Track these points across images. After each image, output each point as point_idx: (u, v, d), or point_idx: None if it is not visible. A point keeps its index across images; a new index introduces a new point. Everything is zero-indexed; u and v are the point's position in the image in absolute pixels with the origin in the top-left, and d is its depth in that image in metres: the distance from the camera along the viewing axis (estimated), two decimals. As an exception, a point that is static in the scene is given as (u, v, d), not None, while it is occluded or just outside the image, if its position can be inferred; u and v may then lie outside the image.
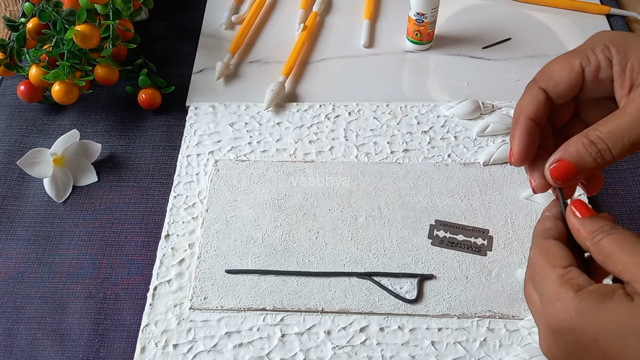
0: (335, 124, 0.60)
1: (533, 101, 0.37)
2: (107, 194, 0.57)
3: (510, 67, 0.65)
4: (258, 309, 0.48)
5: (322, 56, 0.68)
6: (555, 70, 0.37)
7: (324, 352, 0.46)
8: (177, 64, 0.67)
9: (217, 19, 0.71)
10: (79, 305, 0.50)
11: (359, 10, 0.72)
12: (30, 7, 0.60)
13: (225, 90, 0.64)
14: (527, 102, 0.38)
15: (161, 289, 0.50)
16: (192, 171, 0.57)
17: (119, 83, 0.63)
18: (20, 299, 0.50)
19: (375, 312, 0.48)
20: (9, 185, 0.58)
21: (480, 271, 0.50)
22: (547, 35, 0.68)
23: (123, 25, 0.62)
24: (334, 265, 0.50)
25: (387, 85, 0.64)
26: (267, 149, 0.58)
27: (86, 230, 0.54)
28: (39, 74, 0.59)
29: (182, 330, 0.47)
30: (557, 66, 0.37)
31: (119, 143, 0.61)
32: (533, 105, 0.37)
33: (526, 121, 0.37)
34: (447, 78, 0.65)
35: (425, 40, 0.66)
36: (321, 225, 0.53)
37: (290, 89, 0.64)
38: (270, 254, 0.51)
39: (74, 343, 0.48)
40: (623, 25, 0.68)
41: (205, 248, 0.52)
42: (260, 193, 0.55)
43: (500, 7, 0.72)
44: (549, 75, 0.37)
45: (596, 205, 0.53)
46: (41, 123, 0.62)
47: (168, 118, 0.62)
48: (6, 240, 0.54)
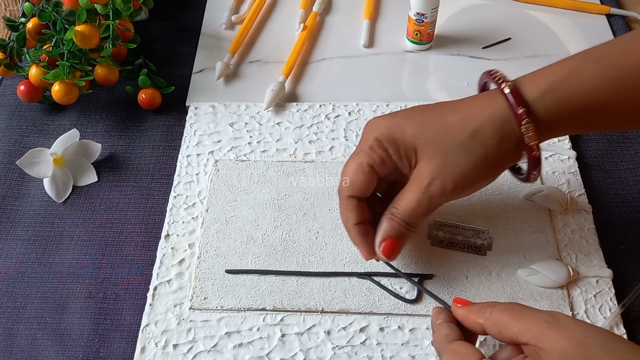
0: (335, 124, 0.60)
1: (349, 210, 0.45)
2: (107, 194, 0.57)
3: (510, 67, 0.65)
4: (258, 309, 0.48)
5: (322, 56, 0.68)
6: (353, 178, 0.44)
7: (324, 352, 0.46)
8: (177, 64, 0.67)
9: (217, 19, 0.71)
10: (79, 305, 0.50)
11: (359, 10, 0.72)
12: (30, 7, 0.60)
13: (225, 90, 0.64)
14: (346, 213, 0.45)
15: (161, 289, 0.50)
16: (192, 171, 0.57)
17: (119, 83, 0.63)
18: (20, 299, 0.50)
19: (375, 312, 0.48)
20: (9, 185, 0.58)
21: (480, 271, 0.50)
22: (547, 35, 0.68)
23: (123, 25, 0.62)
24: (334, 265, 0.50)
25: (387, 85, 0.64)
26: (267, 149, 0.58)
27: (86, 230, 0.54)
28: (39, 74, 0.59)
29: (182, 330, 0.47)
30: (352, 174, 0.44)
31: (119, 143, 0.61)
32: (351, 213, 0.45)
33: (354, 229, 0.45)
34: (447, 78, 0.65)
35: (425, 40, 0.66)
36: (321, 225, 0.53)
37: (290, 89, 0.64)
38: (270, 254, 0.51)
39: (74, 343, 0.48)
40: (623, 25, 0.68)
41: (205, 248, 0.52)
42: (260, 193, 0.55)
43: (500, 7, 0.72)
44: (351, 184, 0.44)
45: (597, 205, 0.53)
46: (41, 123, 0.62)
47: (168, 118, 0.62)
48: (6, 240, 0.54)
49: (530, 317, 0.37)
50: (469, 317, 0.40)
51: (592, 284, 0.49)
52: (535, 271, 0.49)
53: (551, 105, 0.41)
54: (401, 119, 0.44)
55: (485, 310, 0.39)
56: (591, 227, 0.52)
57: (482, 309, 0.39)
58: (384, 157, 0.44)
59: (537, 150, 0.42)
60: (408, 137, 0.43)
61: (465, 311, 0.41)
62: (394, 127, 0.43)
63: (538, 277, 0.48)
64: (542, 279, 0.48)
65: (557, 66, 0.43)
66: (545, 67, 0.44)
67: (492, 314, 0.39)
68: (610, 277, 0.49)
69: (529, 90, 0.42)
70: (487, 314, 0.39)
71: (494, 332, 0.38)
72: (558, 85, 0.42)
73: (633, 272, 0.50)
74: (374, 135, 0.44)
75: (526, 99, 0.41)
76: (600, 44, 0.44)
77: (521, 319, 0.37)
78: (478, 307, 0.40)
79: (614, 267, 0.50)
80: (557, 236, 0.51)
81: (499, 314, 0.38)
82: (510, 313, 0.38)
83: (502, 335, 0.38)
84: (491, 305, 0.39)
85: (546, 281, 0.48)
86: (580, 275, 0.49)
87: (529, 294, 0.48)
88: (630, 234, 0.52)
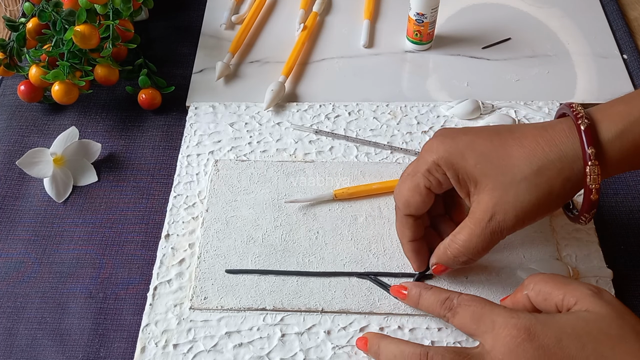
0: (335, 124, 0.60)
1: (405, 227, 0.47)
2: (107, 194, 0.57)
3: (510, 67, 0.65)
4: (258, 309, 0.48)
5: (322, 56, 0.68)
6: (409, 198, 0.45)
7: (324, 352, 0.46)
8: (177, 64, 0.67)
9: (217, 19, 0.71)
10: (79, 305, 0.50)
11: (359, 10, 0.72)
12: (30, 7, 0.60)
13: (225, 90, 0.64)
14: (403, 229, 0.47)
15: (161, 289, 0.50)
16: (192, 171, 0.57)
17: (119, 83, 0.63)
18: (20, 299, 0.51)
19: (375, 312, 0.48)
20: (9, 185, 0.58)
21: (480, 271, 0.50)
22: (547, 35, 0.68)
23: (123, 25, 0.62)
24: (334, 265, 0.50)
25: (387, 85, 0.64)
26: (267, 149, 0.58)
27: (86, 230, 0.54)
28: (39, 74, 0.59)
29: (182, 330, 0.47)
30: (408, 193, 0.45)
31: (119, 143, 0.61)
32: (408, 230, 0.47)
33: (409, 245, 0.47)
34: (447, 78, 0.65)
35: (425, 40, 0.66)
36: (321, 225, 0.53)
37: (290, 89, 0.64)
38: (270, 254, 0.51)
39: (74, 343, 0.48)
40: (623, 25, 0.68)
41: (205, 248, 0.52)
42: (260, 193, 0.55)
43: (500, 7, 0.72)
44: (407, 204, 0.45)
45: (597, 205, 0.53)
46: (41, 123, 0.62)
47: (168, 118, 0.62)
48: (6, 240, 0.54)
49: (575, 285, 0.39)
50: (516, 297, 0.42)
51: (592, 284, 0.49)
52: (535, 271, 0.49)
53: (626, 147, 0.40)
54: (463, 145, 0.43)
55: (528, 283, 0.41)
56: (591, 227, 0.52)
57: (525, 282, 0.42)
58: (442, 181, 0.44)
59: (597, 194, 0.41)
60: (469, 166, 0.42)
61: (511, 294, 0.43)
62: (455, 153, 0.42)
63: (538, 277, 0.48)
64: (542, 279, 0.48)
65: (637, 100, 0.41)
66: (626, 96, 0.42)
67: (536, 284, 0.41)
68: (610, 277, 0.49)
69: (606, 130, 0.41)
70: (531, 285, 0.41)
71: (539, 301, 0.41)
72: (636, 125, 0.40)
73: (633, 272, 0.50)
74: (432, 159, 0.43)
75: (600, 140, 0.40)
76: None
77: (564, 287, 0.39)
78: (521, 285, 0.42)
79: (614, 267, 0.50)
80: (557, 236, 0.51)
81: (543, 284, 0.40)
82: (554, 282, 0.40)
83: (547, 303, 0.40)
84: (532, 277, 0.42)
85: (546, 281, 0.48)
86: (580, 275, 0.49)
87: (529, 294, 0.48)
88: (630, 234, 0.52)
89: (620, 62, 0.65)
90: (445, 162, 0.43)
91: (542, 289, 0.40)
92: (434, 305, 0.43)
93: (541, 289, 0.40)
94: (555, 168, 0.41)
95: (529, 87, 0.63)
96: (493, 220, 0.42)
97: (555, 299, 0.39)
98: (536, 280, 0.41)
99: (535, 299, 0.41)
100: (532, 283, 0.41)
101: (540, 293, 0.40)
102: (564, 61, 0.66)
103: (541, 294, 0.40)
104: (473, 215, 0.43)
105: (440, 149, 0.43)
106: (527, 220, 0.42)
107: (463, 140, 0.43)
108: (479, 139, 0.43)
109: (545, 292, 0.40)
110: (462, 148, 0.42)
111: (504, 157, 0.42)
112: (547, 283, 0.40)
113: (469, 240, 0.43)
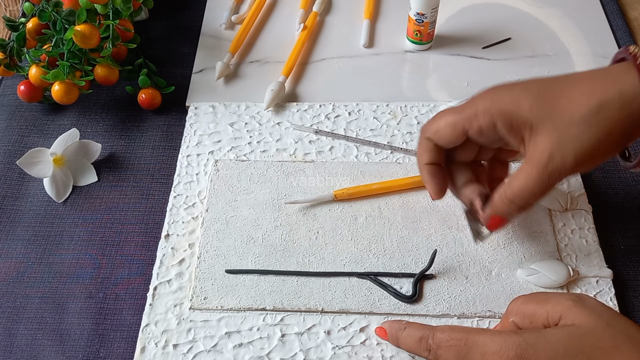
0: (335, 124, 0.60)
1: (425, 150, 0.45)
2: (107, 194, 0.57)
3: (510, 67, 0.65)
4: (258, 309, 0.48)
5: (322, 56, 0.68)
6: (440, 128, 0.43)
7: (324, 352, 0.46)
8: (177, 64, 0.67)
9: (217, 19, 0.71)
10: (79, 305, 0.50)
11: (359, 10, 0.72)
12: (30, 7, 0.60)
13: (225, 90, 0.64)
14: (421, 151, 0.46)
15: (161, 289, 0.50)
16: (192, 171, 0.57)
17: (119, 83, 0.63)
18: (20, 299, 0.50)
19: (375, 312, 0.48)
20: (9, 185, 0.58)
21: (480, 271, 0.50)
22: (547, 35, 0.68)
23: (123, 25, 0.62)
24: (334, 265, 0.50)
25: (387, 85, 0.64)
26: (267, 149, 0.58)
27: (86, 230, 0.54)
28: (38, 74, 0.59)
29: (182, 330, 0.47)
30: (442, 124, 0.43)
31: (119, 143, 0.61)
32: (426, 153, 0.45)
33: (425, 167, 0.46)
34: (447, 78, 0.65)
35: (425, 40, 0.66)
36: (321, 225, 0.53)
37: (290, 89, 0.64)
38: (270, 254, 0.51)
39: (74, 343, 0.48)
40: (623, 25, 0.68)
41: (205, 248, 0.52)
42: (260, 193, 0.55)
43: (500, 7, 0.72)
44: (435, 130, 0.44)
45: (597, 205, 0.53)
46: (41, 123, 0.62)
47: (168, 118, 0.62)
48: (6, 240, 0.54)
49: (555, 299, 0.38)
50: (503, 326, 0.42)
51: (592, 284, 0.49)
52: (535, 271, 0.49)
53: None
54: (519, 91, 0.41)
55: (511, 310, 0.41)
56: (591, 227, 0.52)
57: (507, 310, 0.41)
58: (485, 129, 0.42)
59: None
60: (524, 111, 0.40)
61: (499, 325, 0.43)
62: (508, 101, 0.41)
63: (538, 277, 0.48)
64: (542, 279, 0.48)
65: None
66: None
67: (518, 308, 0.40)
68: (610, 277, 0.49)
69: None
70: (513, 312, 0.40)
71: (526, 324, 0.39)
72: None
73: (633, 272, 0.50)
74: (483, 106, 0.42)
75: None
76: None
77: (546, 304, 0.38)
78: (505, 314, 0.42)
79: (614, 267, 0.50)
80: (557, 236, 0.51)
81: (524, 306, 0.40)
82: (535, 301, 0.39)
83: (534, 324, 0.39)
84: (513, 302, 0.41)
85: (546, 281, 0.48)
86: (580, 275, 0.49)
87: (529, 294, 0.48)
88: (631, 234, 0.52)
89: (620, 62, 0.65)
90: (498, 110, 0.41)
91: (525, 312, 0.39)
92: (414, 346, 0.42)
93: (524, 311, 0.40)
94: (615, 106, 0.39)
95: (529, 87, 0.63)
96: (552, 161, 0.40)
97: (540, 318, 0.38)
98: (518, 304, 0.40)
99: (522, 323, 0.40)
100: (514, 308, 0.40)
101: (525, 317, 0.39)
102: (564, 61, 0.66)
103: (526, 317, 0.39)
104: (530, 159, 0.41)
105: (495, 98, 0.42)
106: (586, 162, 0.40)
107: (517, 88, 0.42)
108: (533, 84, 0.41)
109: (529, 314, 0.39)
110: (517, 94, 0.41)
111: (560, 97, 0.40)
112: (528, 304, 0.39)
113: (527, 183, 0.41)
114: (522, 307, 0.40)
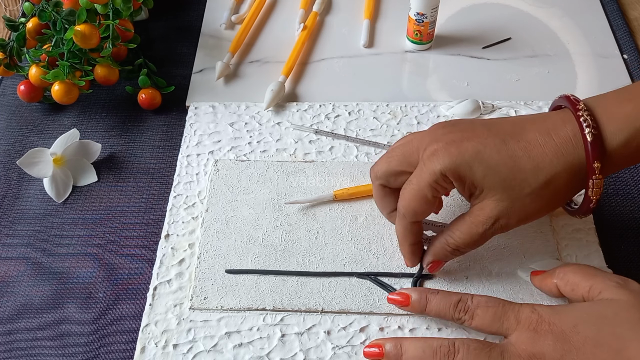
0: (335, 124, 0.60)
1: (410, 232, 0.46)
2: (107, 194, 0.57)
3: (510, 67, 0.65)
4: (258, 309, 0.48)
5: (322, 56, 0.68)
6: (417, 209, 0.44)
7: (324, 352, 0.46)
8: (177, 64, 0.67)
9: (217, 19, 0.71)
10: (79, 305, 0.50)
11: (359, 10, 0.72)
12: (30, 7, 0.60)
13: (225, 90, 0.64)
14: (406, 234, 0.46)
15: (161, 289, 0.50)
16: (192, 171, 0.57)
17: (119, 83, 0.63)
18: (20, 299, 0.50)
19: (375, 312, 0.48)
20: (9, 185, 0.58)
21: (480, 271, 0.50)
22: (547, 35, 0.68)
23: (123, 25, 0.62)
24: (334, 265, 0.50)
25: (387, 85, 0.64)
26: (267, 148, 0.58)
27: (86, 230, 0.54)
28: (38, 73, 0.59)
29: (182, 330, 0.47)
30: (416, 204, 0.44)
31: (119, 143, 0.61)
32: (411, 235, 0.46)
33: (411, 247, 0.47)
34: (447, 78, 0.65)
35: (425, 40, 0.66)
36: (321, 225, 0.53)
37: (290, 89, 0.64)
38: (270, 254, 0.51)
39: (74, 343, 0.48)
40: (623, 25, 0.68)
41: (205, 248, 0.52)
42: (260, 193, 0.55)
43: (500, 7, 0.72)
44: (414, 214, 0.45)
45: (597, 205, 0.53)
46: (41, 123, 0.62)
47: (168, 118, 0.62)
48: (6, 240, 0.54)
49: (602, 276, 0.41)
50: (545, 281, 0.45)
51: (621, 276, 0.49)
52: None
53: (629, 152, 0.41)
54: (470, 156, 0.41)
55: (559, 272, 0.44)
56: (591, 227, 0.52)
57: (556, 271, 0.45)
58: (448, 187, 0.44)
59: (596, 203, 0.42)
60: (477, 178, 0.42)
61: (541, 276, 0.46)
62: (462, 164, 0.41)
63: (538, 277, 0.49)
64: (542, 279, 0.48)
65: None
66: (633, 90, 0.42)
67: (565, 274, 0.43)
68: None
69: (611, 138, 0.40)
70: (561, 275, 0.44)
71: (567, 291, 0.43)
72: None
73: (633, 272, 0.50)
74: (439, 169, 0.42)
75: (606, 150, 0.40)
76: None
77: (592, 278, 0.41)
78: (552, 271, 0.45)
79: (614, 267, 0.49)
80: (557, 236, 0.51)
81: (572, 275, 0.43)
82: (582, 274, 0.42)
83: (575, 293, 0.42)
84: (564, 267, 0.44)
85: (546, 281, 0.48)
86: (580, 275, 0.49)
87: (529, 294, 0.48)
88: (631, 234, 0.52)
89: (620, 62, 0.65)
90: (452, 172, 0.42)
91: (570, 279, 0.43)
92: (446, 309, 0.43)
93: (570, 279, 0.43)
94: (562, 179, 0.41)
95: (529, 87, 0.63)
96: (496, 224, 0.43)
97: (582, 289, 0.41)
98: (566, 270, 0.43)
99: (564, 288, 0.43)
100: (562, 272, 0.44)
101: (568, 283, 0.43)
102: (564, 61, 0.66)
103: (569, 284, 0.43)
104: (475, 216, 0.43)
105: (447, 160, 0.42)
106: (528, 221, 0.44)
107: (469, 150, 0.42)
108: (485, 148, 0.42)
109: (574, 283, 0.42)
110: (469, 159, 0.42)
111: (512, 171, 0.41)
112: (576, 274, 0.43)
113: (470, 237, 0.44)
114: (569, 275, 0.43)
